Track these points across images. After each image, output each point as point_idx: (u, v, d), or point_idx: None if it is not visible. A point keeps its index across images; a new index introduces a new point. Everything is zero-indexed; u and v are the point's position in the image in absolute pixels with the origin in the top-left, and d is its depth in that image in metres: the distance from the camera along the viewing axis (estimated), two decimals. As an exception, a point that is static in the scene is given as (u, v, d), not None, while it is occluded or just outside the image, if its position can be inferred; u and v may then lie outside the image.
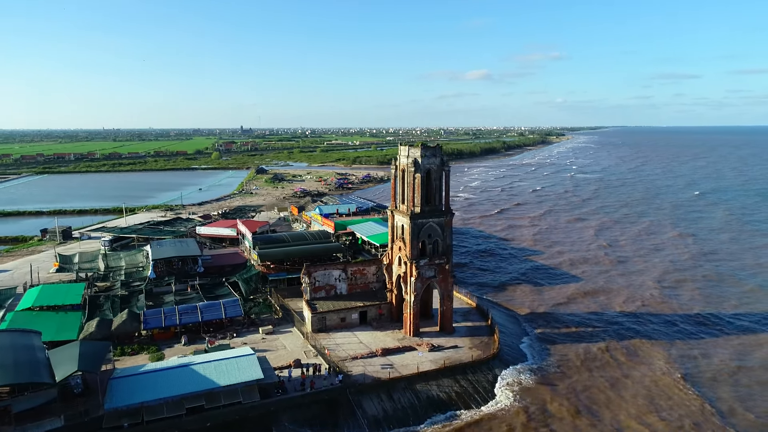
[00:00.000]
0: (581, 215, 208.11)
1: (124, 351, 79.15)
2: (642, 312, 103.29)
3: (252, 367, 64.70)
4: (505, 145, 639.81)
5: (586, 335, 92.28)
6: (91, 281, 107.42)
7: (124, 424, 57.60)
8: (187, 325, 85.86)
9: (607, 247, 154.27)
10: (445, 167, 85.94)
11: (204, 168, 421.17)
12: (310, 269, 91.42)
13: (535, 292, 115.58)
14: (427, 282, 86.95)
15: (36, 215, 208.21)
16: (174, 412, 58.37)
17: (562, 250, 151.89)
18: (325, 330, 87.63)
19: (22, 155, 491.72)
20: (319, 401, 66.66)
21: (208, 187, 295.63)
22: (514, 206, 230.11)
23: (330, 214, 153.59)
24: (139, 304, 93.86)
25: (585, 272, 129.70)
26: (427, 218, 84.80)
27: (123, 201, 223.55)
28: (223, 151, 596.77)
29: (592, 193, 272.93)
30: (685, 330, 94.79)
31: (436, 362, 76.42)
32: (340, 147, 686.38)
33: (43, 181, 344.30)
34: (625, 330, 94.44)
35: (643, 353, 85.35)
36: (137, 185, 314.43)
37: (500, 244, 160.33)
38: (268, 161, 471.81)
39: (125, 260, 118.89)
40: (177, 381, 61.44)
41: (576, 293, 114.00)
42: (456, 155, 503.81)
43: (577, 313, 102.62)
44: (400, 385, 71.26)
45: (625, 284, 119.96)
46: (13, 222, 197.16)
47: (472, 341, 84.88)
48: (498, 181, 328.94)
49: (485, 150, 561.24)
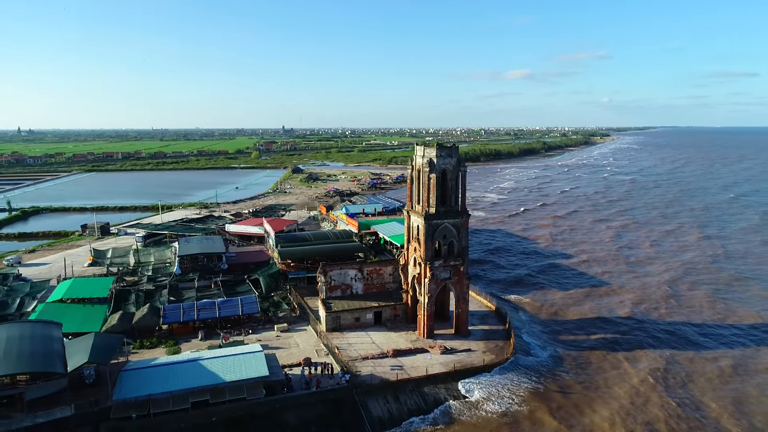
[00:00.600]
0: (606, 216, 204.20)
1: (143, 344, 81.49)
2: (671, 320, 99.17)
3: (258, 364, 65.43)
4: (546, 146, 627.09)
5: (602, 342, 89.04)
6: (120, 275, 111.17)
7: (132, 415, 59.27)
8: (206, 320, 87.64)
9: (627, 249, 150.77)
10: (461, 167, 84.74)
11: (243, 167, 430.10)
12: (326, 268, 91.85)
13: (555, 293, 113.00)
14: (442, 284, 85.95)
15: (80, 211, 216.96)
16: (179, 406, 59.66)
17: (582, 250, 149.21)
18: (340, 329, 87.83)
19: (74, 154, 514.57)
20: (325, 400, 66.78)
21: (244, 186, 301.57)
22: (538, 207, 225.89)
23: (355, 214, 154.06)
24: (161, 298, 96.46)
25: (606, 274, 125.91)
26: (442, 219, 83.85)
27: (161, 198, 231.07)
28: (263, 150, 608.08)
29: (623, 195, 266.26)
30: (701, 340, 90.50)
31: (446, 365, 75.46)
32: (378, 147, 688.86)
33: (91, 178, 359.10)
34: (647, 338, 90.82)
35: (671, 369, 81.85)
36: (178, 183, 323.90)
37: (520, 243, 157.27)
38: (305, 161, 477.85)
39: (154, 256, 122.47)
40: (184, 375, 62.78)
41: (596, 296, 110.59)
42: (493, 156, 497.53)
43: (598, 318, 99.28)
44: (408, 387, 70.67)
45: (644, 287, 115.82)
46: (58, 217, 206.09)
47: (487, 345, 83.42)
48: (530, 181, 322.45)
49: (524, 150, 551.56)
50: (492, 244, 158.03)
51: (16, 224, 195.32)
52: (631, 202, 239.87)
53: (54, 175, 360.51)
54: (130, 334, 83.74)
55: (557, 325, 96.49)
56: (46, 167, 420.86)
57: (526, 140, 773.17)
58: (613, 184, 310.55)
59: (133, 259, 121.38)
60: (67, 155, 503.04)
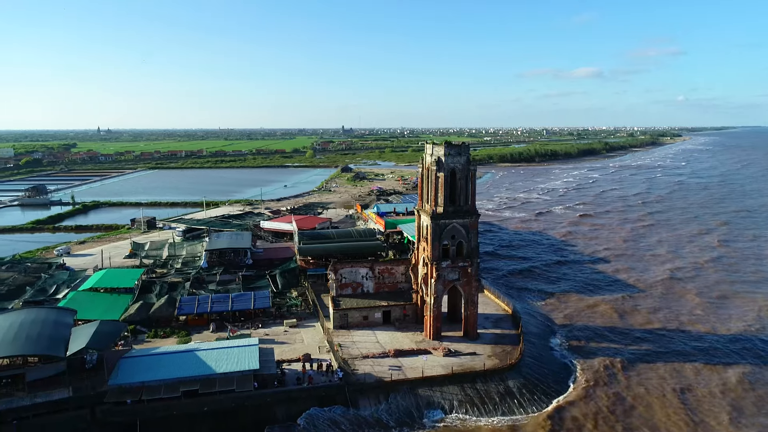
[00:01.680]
0: (634, 218, 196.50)
1: (157, 333, 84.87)
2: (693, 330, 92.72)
3: (251, 357, 66.61)
4: (607, 146, 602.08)
5: (620, 352, 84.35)
6: (152, 267, 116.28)
7: (128, 400, 61.82)
8: (219, 313, 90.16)
9: (649, 251, 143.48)
10: (471, 166, 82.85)
11: (296, 166, 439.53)
12: (336, 266, 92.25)
13: (574, 296, 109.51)
14: (450, 285, 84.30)
15: (135, 206, 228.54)
16: (170, 394, 61.64)
17: (607, 254, 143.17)
18: (347, 327, 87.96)
19: (142, 152, 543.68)
20: (316, 397, 67.11)
21: (293, 184, 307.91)
22: (572, 206, 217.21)
23: (385, 213, 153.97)
24: (183, 290, 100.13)
25: (629, 278, 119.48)
26: (450, 219, 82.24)
27: (213, 195, 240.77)
28: (319, 150, 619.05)
29: (665, 196, 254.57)
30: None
31: (445, 368, 73.89)
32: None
33: (153, 175, 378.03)
34: (666, 353, 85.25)
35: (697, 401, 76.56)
36: (231, 180, 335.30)
37: (542, 243, 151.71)
38: (358, 160, 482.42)
39: (186, 250, 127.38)
40: (178, 365, 64.90)
41: (616, 302, 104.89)
42: (549, 156, 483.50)
43: (617, 327, 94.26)
44: (402, 388, 69.79)
45: (673, 297, 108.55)
46: (114, 211, 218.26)
47: (494, 349, 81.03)
48: (579, 182, 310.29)
49: (583, 151, 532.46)
50: (516, 242, 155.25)
51: (77, 217, 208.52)
52: (666, 204, 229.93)
53: (120, 172, 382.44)
54: (147, 324, 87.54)
55: (575, 331, 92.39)
56: (115, 164, 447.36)
57: (590, 140, 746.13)
58: (659, 185, 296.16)
59: (167, 252, 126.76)
60: (135, 153, 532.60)
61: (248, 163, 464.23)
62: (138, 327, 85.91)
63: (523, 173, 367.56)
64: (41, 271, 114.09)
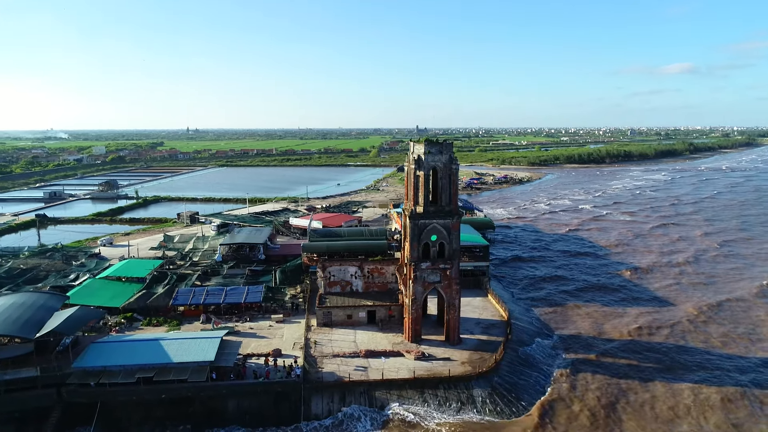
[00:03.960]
0: (681, 221, 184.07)
1: (150, 322, 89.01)
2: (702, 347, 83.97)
3: (209, 349, 68.16)
4: (691, 147, 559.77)
5: (620, 372, 78.19)
6: (171, 259, 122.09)
7: (91, 383, 65.35)
8: (211, 305, 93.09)
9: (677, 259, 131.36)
10: (453, 165, 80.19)
11: (358, 165, 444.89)
12: (325, 264, 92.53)
13: (581, 304, 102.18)
14: (431, 287, 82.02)
15: (191, 201, 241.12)
16: (126, 380, 64.38)
17: (632, 261, 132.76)
18: (331, 325, 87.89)
19: (217, 150, 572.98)
20: (270, 392, 67.57)
21: (347, 183, 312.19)
22: (614, 210, 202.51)
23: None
24: (189, 282, 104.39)
25: (649, 287, 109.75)
26: (431, 219, 80.00)
27: (263, 192, 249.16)
28: (386, 149, 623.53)
29: (724, 201, 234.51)
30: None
31: (411, 371, 71.98)
32: (503, 147, 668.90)
33: (221, 173, 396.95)
34: (671, 376, 77.91)
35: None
36: (290, 178, 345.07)
37: (559, 245, 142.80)
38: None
39: (209, 243, 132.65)
40: (140, 352, 67.74)
41: (630, 312, 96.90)
42: (622, 158, 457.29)
43: (623, 339, 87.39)
44: (358, 390, 68.80)
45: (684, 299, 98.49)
46: (170, 206, 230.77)
47: (472, 356, 77.87)
48: (644, 184, 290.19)
49: (661, 152, 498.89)
50: (545, 246, 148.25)
51: (137, 210, 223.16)
52: (711, 211, 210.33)
53: (190, 169, 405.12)
54: (145, 312, 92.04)
55: (576, 346, 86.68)
56: (190, 162, 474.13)
57: (672, 141, 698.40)
58: (733, 189, 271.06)
59: (192, 245, 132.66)
60: (211, 152, 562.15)
61: (313, 162, 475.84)
62: (135, 315, 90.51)
63: (587, 175, 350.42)
64: (75, 259, 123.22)
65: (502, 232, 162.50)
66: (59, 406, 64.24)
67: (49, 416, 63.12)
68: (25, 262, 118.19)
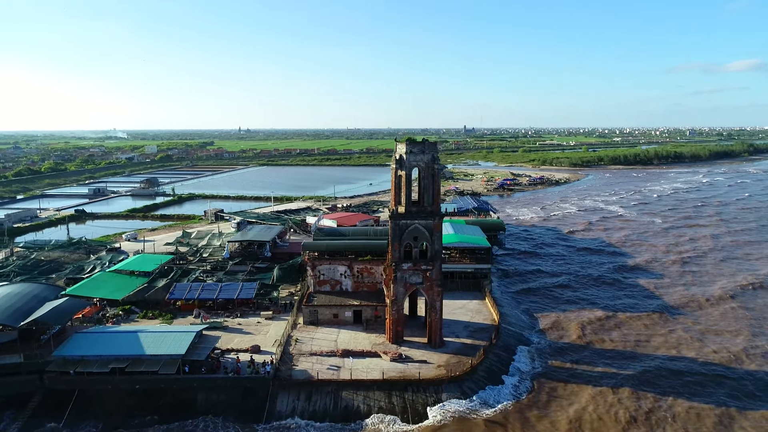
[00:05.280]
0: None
1: (146, 315, 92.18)
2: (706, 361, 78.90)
3: (182, 343, 69.74)
4: (750, 148, 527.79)
5: (600, 380, 74.81)
6: (183, 255, 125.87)
7: (71, 371, 68.32)
8: (205, 300, 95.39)
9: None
10: (435, 165, 78.91)
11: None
12: (315, 262, 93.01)
13: (583, 310, 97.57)
14: (412, 288, 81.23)
15: (224, 199, 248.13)
16: (101, 369, 66.91)
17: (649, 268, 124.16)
18: (317, 323, 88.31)
19: (261, 150, 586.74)
20: (238, 387, 68.59)
21: (379, 183, 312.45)
22: (647, 214, 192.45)
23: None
24: (192, 277, 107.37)
25: (657, 291, 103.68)
26: (412, 219, 79.12)
27: (296, 191, 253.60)
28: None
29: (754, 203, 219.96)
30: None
31: (383, 373, 71.29)
32: (549, 148, 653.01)
33: (260, 171, 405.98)
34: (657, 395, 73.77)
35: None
36: (325, 178, 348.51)
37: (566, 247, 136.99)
38: (461, 160, 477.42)
39: (222, 240, 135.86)
40: (116, 343, 70.26)
41: (633, 325, 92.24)
42: (672, 159, 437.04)
43: (623, 350, 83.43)
44: (327, 389, 68.74)
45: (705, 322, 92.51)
46: (205, 203, 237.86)
47: (450, 359, 76.40)
48: (688, 186, 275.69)
49: (717, 153, 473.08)
50: (551, 247, 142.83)
51: (170, 207, 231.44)
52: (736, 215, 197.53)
53: (231, 168, 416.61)
54: (143, 306, 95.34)
55: (568, 353, 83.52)
56: (233, 161, 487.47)
57: (731, 142, 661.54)
58: None
59: (206, 242, 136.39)
60: (256, 151, 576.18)
61: (352, 162, 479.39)
62: (133, 308, 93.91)
63: (628, 177, 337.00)
64: (95, 252, 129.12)
65: (517, 234, 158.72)
66: (41, 392, 67.50)
67: (30, 401, 66.38)
68: (48, 254, 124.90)
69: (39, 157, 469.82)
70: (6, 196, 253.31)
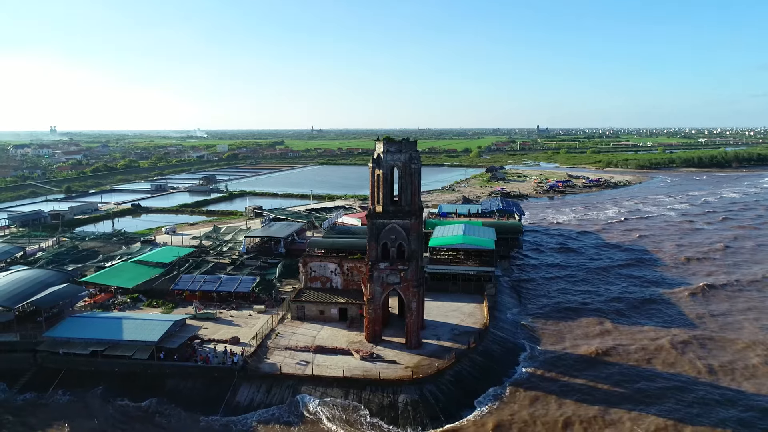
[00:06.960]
0: None
1: (151, 303, 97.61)
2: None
3: (157, 330, 73.52)
4: None
5: (586, 396, 70.98)
6: (205, 248, 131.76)
7: (60, 351, 73.94)
8: (206, 292, 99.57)
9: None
10: (414, 165, 78.29)
11: (454, 165, 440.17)
12: (306, 259, 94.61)
13: (589, 322, 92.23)
14: (390, 288, 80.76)
15: (272, 196, 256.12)
16: (82, 351, 71.92)
17: None
18: (303, 319, 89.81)
19: (324, 149, 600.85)
20: (206, 376, 71.34)
21: (427, 183, 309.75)
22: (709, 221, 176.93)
23: (447, 214, 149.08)
24: (203, 270, 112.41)
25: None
26: (389, 219, 78.82)
27: (345, 190, 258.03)
28: (493, 149, 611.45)
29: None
30: None
31: (348, 371, 71.54)
32: (622, 149, 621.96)
33: (316, 170, 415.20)
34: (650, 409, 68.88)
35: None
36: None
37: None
38: (524, 161, 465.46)
39: (244, 236, 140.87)
40: (100, 327, 75.21)
41: (637, 338, 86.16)
42: (755, 161, 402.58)
43: (618, 363, 78.61)
44: (287, 383, 70.00)
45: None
46: (254, 200, 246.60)
47: (422, 361, 75.35)
48: (751, 191, 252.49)
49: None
50: (571, 251, 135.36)
51: (221, 203, 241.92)
52: None
53: (290, 167, 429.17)
54: (150, 295, 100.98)
55: (558, 363, 79.99)
56: (296, 160, 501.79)
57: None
58: None
59: (231, 237, 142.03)
60: (320, 150, 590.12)
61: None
62: (140, 296, 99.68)
63: (700, 181, 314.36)
64: (129, 244, 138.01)
65: (541, 238, 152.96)
66: (33, 369, 73.49)
67: (21, 377, 72.46)
68: (87, 244, 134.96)
69: (120, 154, 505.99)
70: (80, 191, 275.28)
